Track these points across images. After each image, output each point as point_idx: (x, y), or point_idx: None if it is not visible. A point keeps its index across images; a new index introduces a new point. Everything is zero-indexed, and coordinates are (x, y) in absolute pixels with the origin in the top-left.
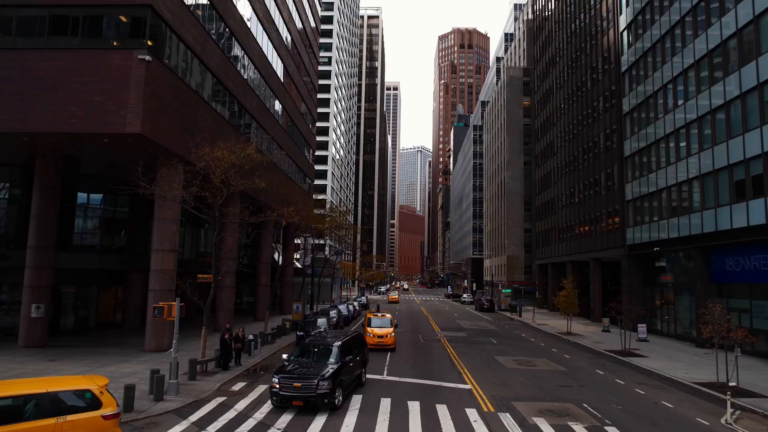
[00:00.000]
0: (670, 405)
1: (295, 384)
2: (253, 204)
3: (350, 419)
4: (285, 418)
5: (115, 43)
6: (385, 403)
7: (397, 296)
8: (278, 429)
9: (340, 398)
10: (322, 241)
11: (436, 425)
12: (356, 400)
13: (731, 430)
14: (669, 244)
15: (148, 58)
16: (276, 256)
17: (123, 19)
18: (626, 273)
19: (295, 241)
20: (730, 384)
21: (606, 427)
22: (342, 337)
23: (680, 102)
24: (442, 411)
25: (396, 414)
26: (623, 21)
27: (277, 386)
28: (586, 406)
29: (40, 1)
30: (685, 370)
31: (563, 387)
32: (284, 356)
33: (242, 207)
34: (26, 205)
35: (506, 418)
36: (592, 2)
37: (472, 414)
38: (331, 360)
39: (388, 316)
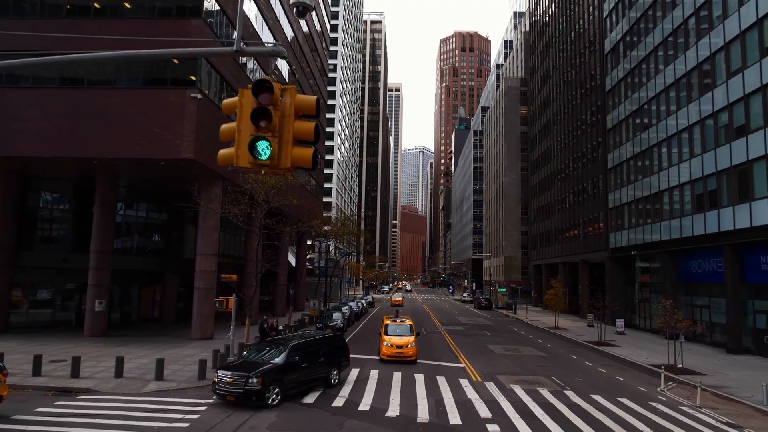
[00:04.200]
0: (621, 379)
1: (227, 380)
2: (279, 214)
3: (371, 384)
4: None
5: (170, 83)
6: (397, 375)
7: (400, 298)
8: (317, 391)
9: (275, 397)
10: (329, 243)
11: (436, 388)
12: (374, 374)
13: (661, 395)
14: (645, 248)
15: (199, 96)
16: (290, 257)
17: (176, 61)
18: (609, 273)
19: (307, 243)
20: (678, 366)
21: (565, 391)
22: (304, 338)
23: (654, 122)
24: (441, 381)
25: (406, 381)
26: (607, 45)
27: (216, 380)
28: (554, 378)
29: (107, 49)
30: (646, 356)
31: (540, 366)
32: (245, 353)
33: (275, 219)
34: (81, 214)
35: (490, 385)
36: (582, 22)
37: (464, 382)
38: (277, 359)
39: (409, 322)
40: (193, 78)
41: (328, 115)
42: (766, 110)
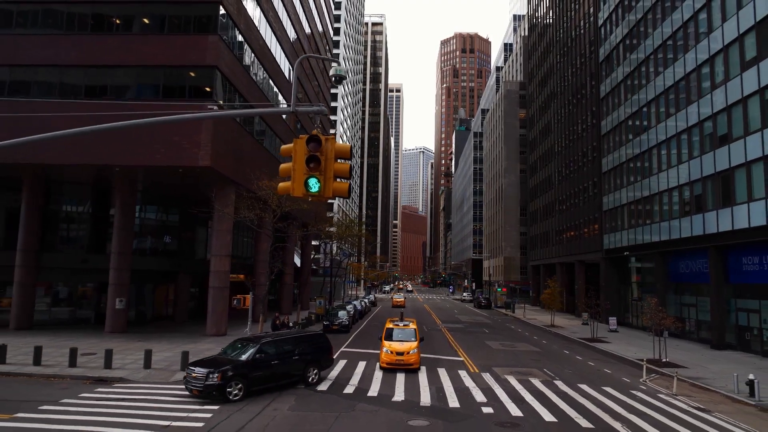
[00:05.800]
0: (608, 371)
1: (193, 374)
2: (288, 217)
3: (378, 375)
4: (333, 374)
5: (188, 95)
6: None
7: (402, 299)
8: (330, 379)
9: (237, 392)
10: (334, 244)
11: (437, 378)
12: (379, 366)
13: (642, 384)
14: (636, 249)
15: (215, 107)
16: (295, 258)
17: (193, 74)
18: (603, 273)
19: (312, 243)
20: (663, 360)
21: (554, 381)
22: (278, 336)
23: (645, 129)
24: (442, 372)
25: (409, 372)
26: (602, 53)
27: (185, 375)
28: (546, 370)
29: (129, 62)
30: (635, 351)
31: (533, 360)
32: (222, 350)
33: (285, 223)
34: (99, 217)
35: (486, 376)
36: (578, 29)
37: (462, 373)
38: (243, 356)
39: (413, 326)
40: (209, 89)
41: (331, 117)
42: (746, 120)
